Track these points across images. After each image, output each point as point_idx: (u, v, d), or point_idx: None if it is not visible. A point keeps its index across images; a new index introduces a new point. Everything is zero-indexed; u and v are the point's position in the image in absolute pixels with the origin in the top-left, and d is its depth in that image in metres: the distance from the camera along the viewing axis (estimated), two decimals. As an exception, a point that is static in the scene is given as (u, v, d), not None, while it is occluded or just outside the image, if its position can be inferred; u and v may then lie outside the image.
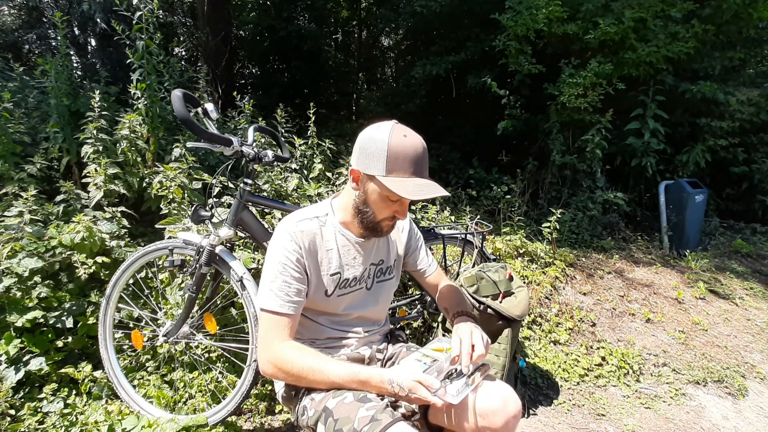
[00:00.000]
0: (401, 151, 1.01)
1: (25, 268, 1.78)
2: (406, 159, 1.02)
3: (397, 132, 1.03)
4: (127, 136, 2.51)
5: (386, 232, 1.16)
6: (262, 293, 1.08)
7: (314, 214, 1.16)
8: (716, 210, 5.40)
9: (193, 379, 1.83)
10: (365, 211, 1.11)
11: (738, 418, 2.15)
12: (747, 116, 4.72)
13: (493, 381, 1.12)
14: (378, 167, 1.02)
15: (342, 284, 1.17)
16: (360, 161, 1.07)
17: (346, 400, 1.01)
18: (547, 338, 2.62)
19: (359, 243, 1.18)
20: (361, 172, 1.07)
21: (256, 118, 3.63)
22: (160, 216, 2.22)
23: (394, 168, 1.02)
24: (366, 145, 1.05)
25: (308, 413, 1.07)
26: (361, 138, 1.08)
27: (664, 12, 4.43)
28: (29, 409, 1.61)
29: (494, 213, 4.45)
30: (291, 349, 1.04)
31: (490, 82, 4.89)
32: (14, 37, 6.02)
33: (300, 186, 2.74)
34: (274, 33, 7.29)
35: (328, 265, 1.14)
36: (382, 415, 0.94)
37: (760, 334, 2.96)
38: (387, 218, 1.12)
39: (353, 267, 1.18)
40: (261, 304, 1.08)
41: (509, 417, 1.04)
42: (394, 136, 1.02)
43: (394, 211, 1.10)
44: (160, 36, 2.61)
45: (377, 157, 1.02)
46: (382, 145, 1.02)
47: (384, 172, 1.02)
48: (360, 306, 1.23)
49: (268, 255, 1.11)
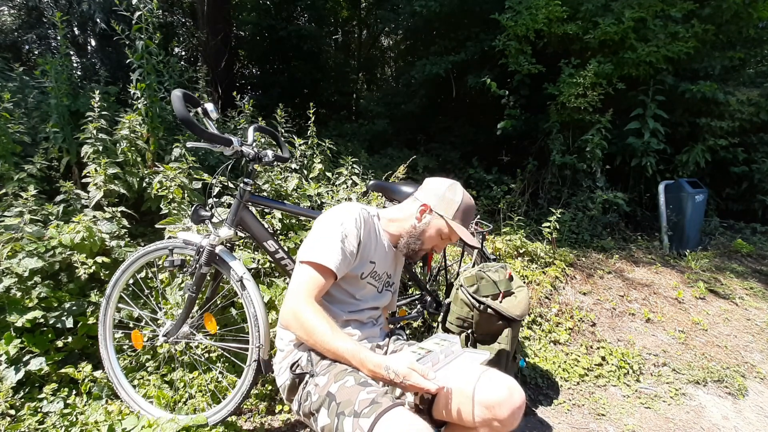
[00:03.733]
0: (467, 208, 1.32)
1: (25, 268, 1.78)
2: (467, 213, 1.32)
3: (466, 192, 1.35)
4: (127, 136, 2.51)
5: (414, 259, 1.39)
6: (316, 247, 1.17)
7: (368, 210, 1.33)
8: (716, 210, 5.40)
9: (193, 379, 1.83)
10: (417, 238, 1.31)
11: (738, 417, 2.15)
12: (747, 116, 4.72)
13: (496, 372, 1.13)
14: (449, 211, 1.29)
15: (373, 274, 1.32)
16: (433, 200, 1.31)
17: (347, 384, 1.03)
18: (547, 338, 2.62)
19: (390, 250, 1.37)
20: (432, 209, 1.30)
21: (256, 118, 3.63)
22: (160, 216, 2.22)
23: (460, 216, 1.30)
24: (444, 191, 1.32)
25: (312, 398, 1.09)
26: (438, 184, 1.34)
27: (664, 12, 4.44)
28: (29, 409, 1.61)
29: (494, 213, 4.45)
30: (314, 309, 1.12)
31: (489, 82, 4.89)
32: (14, 37, 6.02)
33: (300, 186, 2.74)
34: (274, 33, 7.30)
35: (373, 251, 1.30)
36: (383, 398, 0.97)
37: (760, 334, 2.96)
38: (424, 249, 1.33)
39: (381, 266, 1.35)
40: (312, 257, 1.16)
41: (514, 408, 1.05)
42: (466, 195, 1.33)
43: (436, 246, 1.35)
44: (159, 36, 2.61)
45: (451, 203, 1.30)
46: (458, 198, 1.30)
47: (452, 216, 1.29)
48: (371, 300, 1.36)
49: (328, 222, 1.22)
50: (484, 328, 1.74)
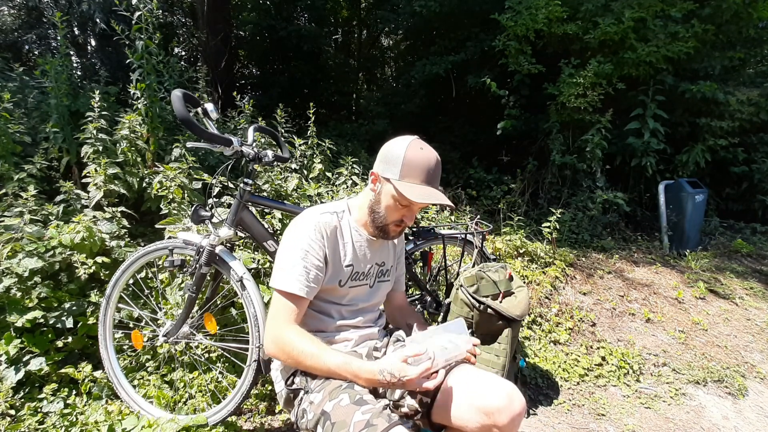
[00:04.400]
0: (414, 160, 1.13)
1: (25, 268, 1.78)
2: (418, 168, 1.13)
3: (414, 144, 1.16)
4: (127, 136, 2.51)
5: (393, 236, 1.26)
6: (281, 275, 1.14)
7: (333, 210, 1.25)
8: (716, 210, 5.40)
9: (193, 379, 1.83)
10: (377, 212, 1.21)
11: (738, 417, 2.15)
12: (747, 116, 4.72)
13: (496, 377, 1.13)
14: (393, 171, 1.14)
15: (353, 276, 1.25)
16: (380, 165, 1.19)
17: (342, 403, 1.01)
18: (547, 338, 2.62)
19: (369, 241, 1.28)
20: (380, 174, 1.18)
21: (255, 118, 3.63)
22: (160, 216, 2.22)
23: (408, 174, 1.13)
24: (387, 152, 1.18)
25: (308, 416, 1.08)
26: (384, 146, 1.21)
27: (664, 12, 4.44)
28: (29, 409, 1.61)
29: (494, 213, 4.45)
30: (295, 333, 1.11)
31: (489, 82, 4.89)
32: (14, 37, 6.02)
33: (300, 186, 2.74)
34: (274, 33, 7.29)
35: (344, 256, 1.23)
36: (378, 419, 0.94)
37: (760, 334, 2.96)
38: (395, 222, 1.21)
39: (363, 262, 1.27)
40: (279, 285, 1.13)
41: (514, 414, 1.04)
42: (411, 147, 1.15)
43: (402, 215, 1.20)
44: (159, 36, 2.61)
45: (394, 162, 1.14)
46: (399, 153, 1.15)
47: (398, 176, 1.14)
48: (365, 299, 1.31)
49: (289, 241, 1.17)
50: (484, 328, 1.74)
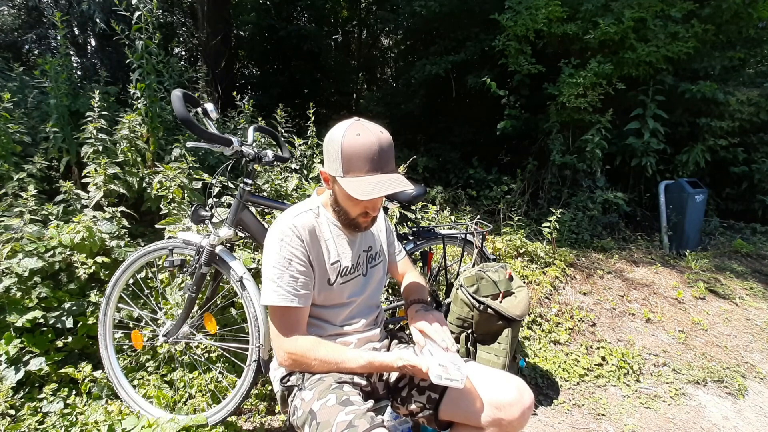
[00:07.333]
0: (353, 151, 1.01)
1: (25, 268, 1.78)
2: (359, 158, 1.01)
3: (350, 131, 1.03)
4: (127, 136, 2.51)
5: (365, 227, 1.18)
6: (269, 291, 1.09)
7: (307, 207, 1.19)
8: (716, 210, 5.40)
9: (193, 379, 1.83)
10: (339, 210, 1.15)
11: (738, 417, 2.15)
12: (747, 116, 4.72)
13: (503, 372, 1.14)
14: (337, 168, 1.04)
15: (342, 272, 1.19)
16: (325, 162, 1.09)
17: (328, 403, 1.01)
18: (547, 338, 2.62)
19: (349, 232, 1.21)
20: (327, 173, 1.10)
21: (255, 118, 3.63)
22: (160, 216, 2.22)
23: (350, 168, 1.02)
24: (327, 146, 1.07)
25: (297, 413, 1.08)
26: (325, 139, 1.09)
27: (664, 12, 4.43)
28: (29, 409, 1.61)
29: (494, 213, 4.45)
30: (305, 341, 1.10)
31: (489, 82, 4.89)
32: (14, 37, 6.03)
33: (300, 186, 2.74)
34: (274, 33, 7.29)
35: (328, 254, 1.17)
36: (360, 420, 0.93)
37: (760, 334, 2.96)
38: (360, 215, 1.14)
39: (348, 255, 1.21)
40: (270, 300, 1.09)
41: (525, 408, 1.06)
42: (346, 136, 1.02)
43: (364, 207, 1.11)
44: (159, 36, 2.61)
45: (335, 158, 1.04)
46: (337, 147, 1.03)
47: (341, 173, 1.03)
48: (360, 292, 1.25)
49: (269, 252, 1.12)
50: (484, 328, 1.74)
